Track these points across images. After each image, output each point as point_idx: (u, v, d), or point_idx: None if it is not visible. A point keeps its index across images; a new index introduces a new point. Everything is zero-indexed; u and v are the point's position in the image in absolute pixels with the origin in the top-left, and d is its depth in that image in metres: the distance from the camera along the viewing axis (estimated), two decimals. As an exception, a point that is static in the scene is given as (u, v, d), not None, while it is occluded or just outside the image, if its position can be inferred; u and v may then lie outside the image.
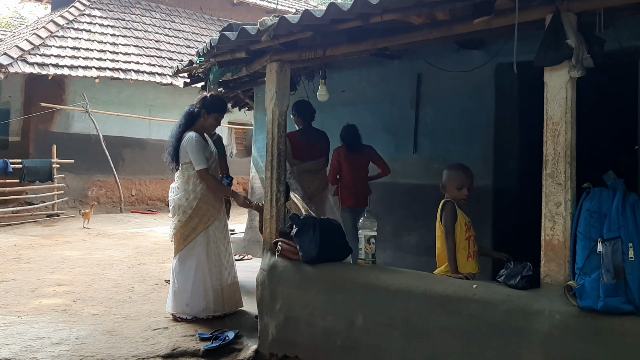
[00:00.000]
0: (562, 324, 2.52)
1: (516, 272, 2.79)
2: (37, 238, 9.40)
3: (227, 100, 8.03)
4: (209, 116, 4.83)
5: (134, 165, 14.18)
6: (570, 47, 2.54)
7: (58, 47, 13.19)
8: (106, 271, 6.68)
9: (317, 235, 3.66)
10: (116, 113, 13.65)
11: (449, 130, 5.76)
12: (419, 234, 6.09)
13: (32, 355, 3.91)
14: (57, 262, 7.31)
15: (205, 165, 4.65)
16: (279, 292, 3.83)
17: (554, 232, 2.63)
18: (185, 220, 4.68)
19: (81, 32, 14.28)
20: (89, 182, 13.76)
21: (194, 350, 4.05)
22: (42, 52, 12.72)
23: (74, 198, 13.23)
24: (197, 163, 4.64)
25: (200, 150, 4.66)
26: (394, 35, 3.38)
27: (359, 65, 6.24)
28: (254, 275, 4.39)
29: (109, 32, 14.89)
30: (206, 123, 4.86)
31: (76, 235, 9.79)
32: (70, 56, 13.11)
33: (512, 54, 2.67)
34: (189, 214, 4.67)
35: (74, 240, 9.26)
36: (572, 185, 2.62)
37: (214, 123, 4.90)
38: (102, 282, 6.14)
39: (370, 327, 3.29)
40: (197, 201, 4.68)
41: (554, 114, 2.64)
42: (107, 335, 4.34)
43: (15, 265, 7.08)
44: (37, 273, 6.61)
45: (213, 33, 17.33)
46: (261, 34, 3.60)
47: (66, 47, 13.36)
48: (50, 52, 12.90)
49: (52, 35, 13.48)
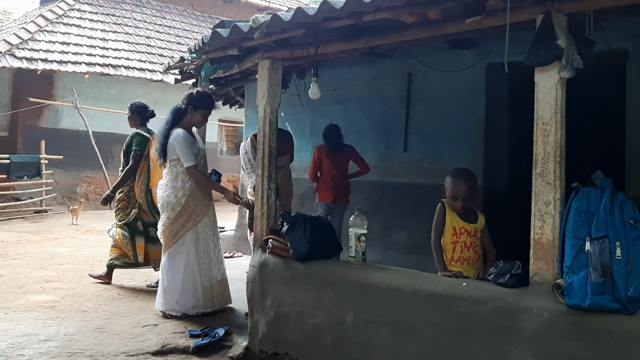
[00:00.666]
0: (550, 322, 2.54)
1: (505, 270, 2.81)
2: (25, 234, 9.33)
3: (218, 97, 8.03)
4: (196, 112, 4.80)
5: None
6: (561, 47, 2.56)
7: (47, 42, 13.10)
8: (95, 268, 6.64)
9: (308, 233, 3.66)
10: (106, 109, 13.59)
11: (440, 129, 5.80)
12: (408, 232, 6.12)
13: (20, 352, 3.89)
14: (45, 259, 7.26)
15: (193, 162, 4.64)
16: (270, 289, 3.84)
17: (543, 231, 2.65)
18: (174, 218, 4.67)
19: (71, 27, 14.20)
20: (78, 178, 13.68)
21: (184, 347, 4.04)
22: (30, 47, 12.63)
23: (63, 194, 13.15)
24: (185, 160, 4.63)
25: (188, 147, 4.65)
26: (386, 34, 3.40)
27: (350, 63, 6.26)
28: (243, 273, 4.39)
29: (98, 28, 14.82)
30: (193, 119, 4.84)
31: (65, 232, 9.73)
32: (59, 51, 13.02)
33: (502, 54, 2.69)
34: (177, 210, 4.66)
35: (62, 237, 9.20)
36: (562, 184, 2.65)
37: (200, 119, 4.87)
38: (90, 279, 6.11)
39: (360, 324, 3.31)
40: (186, 198, 4.68)
41: (544, 113, 2.67)
42: (96, 332, 4.33)
43: (2, 261, 7.03)
44: (24, 269, 6.57)
45: (204, 30, 17.28)
46: (253, 31, 3.59)
47: (55, 42, 13.27)
48: (39, 46, 12.81)
49: (41, 30, 13.38)
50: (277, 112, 4.08)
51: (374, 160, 6.31)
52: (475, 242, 3.38)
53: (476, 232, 3.39)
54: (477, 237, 3.39)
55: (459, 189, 3.35)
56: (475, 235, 3.38)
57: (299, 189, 6.82)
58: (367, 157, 6.27)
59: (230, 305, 4.93)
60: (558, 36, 2.57)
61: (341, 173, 6.15)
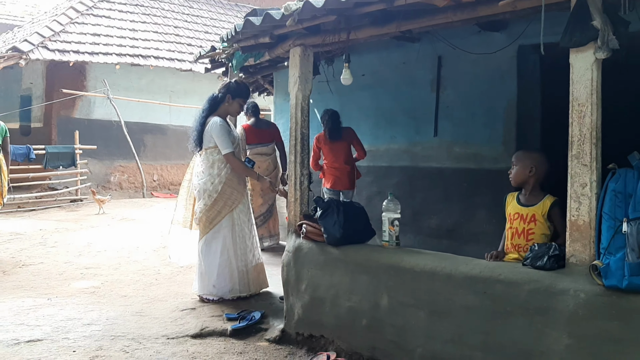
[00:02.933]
0: (587, 303, 2.55)
1: (542, 252, 2.81)
2: (62, 223, 9.58)
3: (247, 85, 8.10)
4: (234, 101, 4.92)
5: (155, 150, 14.32)
6: (596, 28, 2.54)
7: (78, 34, 13.31)
8: (132, 254, 6.81)
9: (341, 218, 3.71)
10: (137, 99, 13.78)
11: (470, 113, 5.75)
12: (440, 217, 6.11)
13: (64, 335, 4.03)
14: (83, 246, 7.46)
15: (231, 148, 4.72)
16: (304, 273, 3.90)
17: (579, 213, 2.65)
18: (210, 204, 4.76)
19: (101, 18, 14.39)
20: (111, 167, 13.92)
21: (222, 330, 4.15)
22: (62, 39, 12.84)
23: (97, 183, 13.41)
24: (223, 147, 4.71)
25: (226, 134, 4.73)
26: (417, 18, 3.39)
27: (379, 48, 6.24)
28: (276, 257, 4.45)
29: (128, 18, 14.98)
30: (231, 108, 4.96)
31: (100, 220, 9.95)
32: (90, 42, 13.22)
33: (534, 36, 2.69)
34: (214, 197, 4.75)
35: (98, 225, 9.42)
36: (598, 166, 2.64)
37: (238, 108, 5.02)
38: (128, 265, 6.27)
39: (395, 307, 3.35)
40: (222, 185, 4.76)
41: (580, 95, 2.65)
42: (136, 316, 4.46)
43: (42, 249, 7.24)
44: (64, 257, 6.76)
45: (231, 19, 17.35)
46: (285, 18, 3.63)
47: (86, 33, 13.47)
48: (71, 38, 13.03)
49: (72, 22, 13.60)
50: (308, 98, 4.12)
51: (404, 145, 6.31)
52: (531, 229, 3.26)
53: (535, 217, 3.26)
54: (536, 222, 3.25)
55: (514, 156, 3.47)
56: (533, 221, 3.26)
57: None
58: (397, 142, 6.27)
59: (266, 289, 5.02)
60: (593, 16, 2.55)
61: (343, 160, 6.33)
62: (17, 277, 5.71)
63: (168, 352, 3.75)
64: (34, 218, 10.10)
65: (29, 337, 3.94)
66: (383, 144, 6.53)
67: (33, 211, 10.89)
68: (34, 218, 10.10)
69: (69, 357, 3.63)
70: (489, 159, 5.46)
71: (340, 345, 3.67)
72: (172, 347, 3.83)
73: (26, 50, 11.92)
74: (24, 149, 11.29)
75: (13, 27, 19.19)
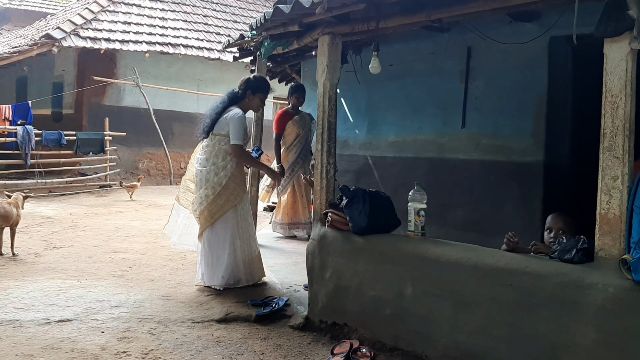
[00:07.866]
0: (615, 298, 2.51)
1: (570, 246, 2.77)
2: (92, 208, 9.76)
3: (275, 74, 8.13)
4: (255, 97, 4.96)
5: (182, 138, 14.47)
6: (632, 18, 2.49)
7: (109, 22, 13.50)
8: (159, 240, 6.91)
9: (367, 207, 3.71)
10: (166, 87, 13.93)
11: (499, 104, 5.68)
12: (466, 210, 6.06)
13: (93, 316, 4.12)
14: (112, 231, 7.59)
15: (241, 141, 4.75)
16: (329, 262, 3.92)
17: (610, 206, 2.61)
18: (213, 198, 4.73)
19: (131, 6, 14.56)
20: (140, 154, 14.13)
21: (246, 315, 4.19)
22: (94, 27, 13.05)
23: (126, 170, 13.63)
24: (235, 137, 4.72)
25: (243, 127, 4.76)
26: (448, 7, 3.36)
27: (407, 38, 6.18)
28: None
29: (158, 7, 15.13)
30: (252, 104, 5.00)
31: (128, 206, 10.11)
32: (121, 31, 13.41)
33: (566, 26, 2.65)
34: (217, 190, 4.73)
35: (126, 211, 9.57)
36: (630, 158, 2.59)
37: (259, 103, 5.06)
38: (155, 250, 6.37)
39: (419, 297, 3.35)
40: (227, 179, 4.75)
41: (613, 86, 2.60)
42: (162, 300, 4.53)
43: (72, 233, 7.40)
44: (93, 241, 6.90)
45: (259, 7, 17.37)
46: (315, 6, 3.62)
47: (117, 21, 13.66)
48: (102, 26, 13.22)
49: (103, 10, 13.80)
50: (336, 87, 4.11)
51: (431, 137, 6.26)
52: None
53: None
54: None
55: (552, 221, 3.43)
56: None
57: (354, 165, 6.86)
58: (424, 133, 6.22)
59: (264, 278, 5.07)
60: (629, 6, 2.49)
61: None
62: (48, 259, 5.84)
63: (194, 335, 3.81)
64: (64, 202, 10.31)
65: (60, 317, 4.03)
66: (410, 134, 6.49)
67: (63, 196, 11.11)
68: (64, 202, 10.31)
69: (98, 337, 3.71)
70: (517, 152, 5.39)
71: (363, 333, 3.67)
72: (197, 331, 3.89)
73: (59, 38, 12.13)
74: (55, 134, 11.53)
75: (46, 15, 19.53)
